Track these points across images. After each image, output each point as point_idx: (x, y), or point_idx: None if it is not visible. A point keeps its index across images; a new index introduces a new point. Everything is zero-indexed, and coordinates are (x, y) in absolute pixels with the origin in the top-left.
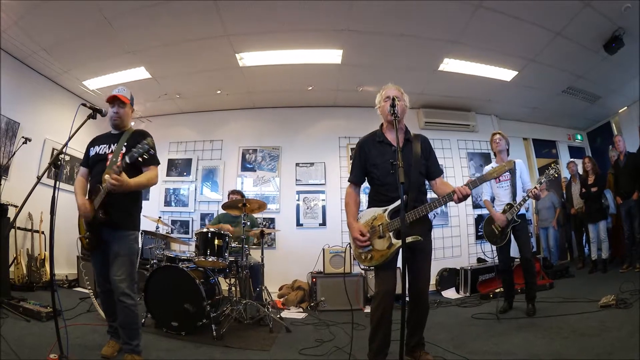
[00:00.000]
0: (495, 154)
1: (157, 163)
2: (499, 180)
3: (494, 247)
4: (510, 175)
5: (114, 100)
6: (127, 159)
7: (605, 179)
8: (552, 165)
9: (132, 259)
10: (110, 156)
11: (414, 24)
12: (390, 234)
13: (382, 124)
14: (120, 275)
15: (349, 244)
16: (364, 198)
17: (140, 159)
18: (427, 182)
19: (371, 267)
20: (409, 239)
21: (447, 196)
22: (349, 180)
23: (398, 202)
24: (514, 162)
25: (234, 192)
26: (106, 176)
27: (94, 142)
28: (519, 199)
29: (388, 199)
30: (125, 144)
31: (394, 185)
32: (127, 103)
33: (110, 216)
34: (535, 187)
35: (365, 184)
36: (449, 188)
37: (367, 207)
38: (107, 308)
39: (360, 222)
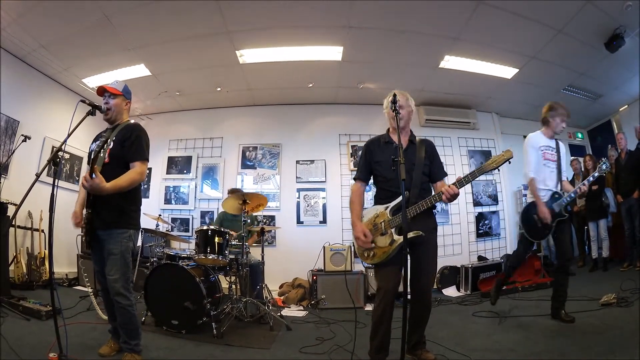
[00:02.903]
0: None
1: (142, 158)
2: (545, 157)
3: (494, 241)
4: (556, 154)
5: (103, 91)
6: (103, 155)
7: (604, 179)
8: (603, 159)
9: (125, 258)
10: (101, 153)
11: (414, 20)
12: (392, 230)
13: (388, 129)
14: (113, 275)
15: (353, 242)
16: (368, 196)
17: (101, 154)
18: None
19: (373, 265)
20: (410, 234)
21: (437, 195)
22: (354, 178)
23: (399, 199)
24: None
25: (233, 191)
26: (82, 176)
27: (94, 140)
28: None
29: (391, 194)
30: (114, 139)
31: (396, 181)
32: (118, 94)
33: (102, 215)
34: (584, 184)
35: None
36: None
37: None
38: (108, 307)
39: (363, 220)
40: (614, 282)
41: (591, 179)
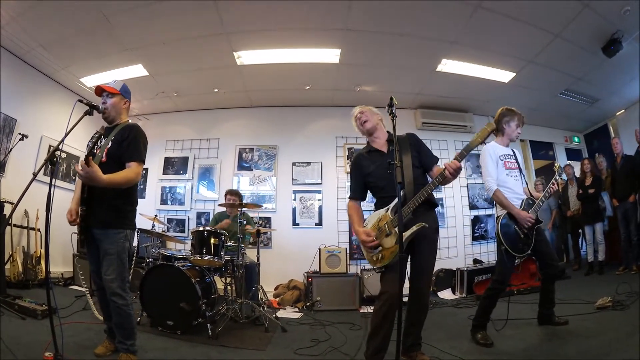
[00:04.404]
0: None
1: (139, 159)
2: (507, 166)
3: (490, 244)
4: (516, 162)
5: (101, 91)
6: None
7: (601, 182)
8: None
9: (121, 258)
10: (98, 151)
11: (412, 24)
12: (395, 229)
13: (367, 141)
14: (110, 275)
15: (357, 246)
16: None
17: (95, 150)
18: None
19: (383, 268)
20: (413, 228)
21: (440, 175)
22: (349, 198)
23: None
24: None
25: (230, 192)
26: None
27: (91, 138)
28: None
29: (387, 199)
30: (112, 138)
31: (390, 186)
32: (116, 93)
33: (97, 214)
34: (553, 184)
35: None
36: None
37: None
38: (103, 307)
39: (367, 227)
40: (610, 286)
41: (554, 181)
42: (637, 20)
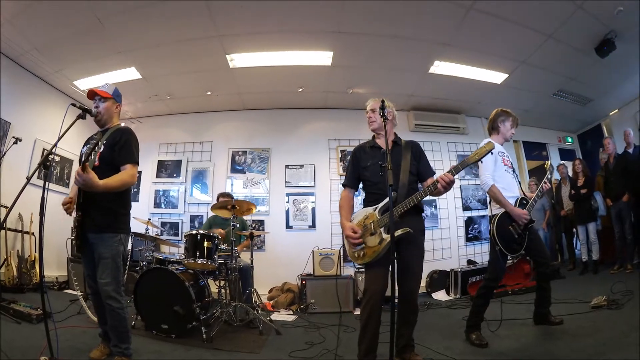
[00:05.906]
0: None
1: (132, 161)
2: (504, 163)
3: (483, 245)
4: (510, 160)
5: (93, 95)
6: (93, 157)
7: (594, 182)
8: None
9: (116, 262)
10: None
11: (405, 25)
12: (381, 229)
13: (373, 135)
14: (104, 279)
15: (342, 246)
16: (357, 200)
17: (92, 156)
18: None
19: (362, 266)
20: (399, 232)
21: (432, 185)
22: (343, 185)
23: (387, 199)
24: (494, 144)
25: (223, 195)
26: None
27: (85, 143)
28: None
29: (378, 197)
30: (104, 142)
31: (383, 184)
32: (108, 97)
33: (93, 218)
34: (545, 182)
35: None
36: None
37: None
38: (98, 311)
39: (353, 222)
40: (604, 285)
41: (546, 179)
42: (629, 20)
